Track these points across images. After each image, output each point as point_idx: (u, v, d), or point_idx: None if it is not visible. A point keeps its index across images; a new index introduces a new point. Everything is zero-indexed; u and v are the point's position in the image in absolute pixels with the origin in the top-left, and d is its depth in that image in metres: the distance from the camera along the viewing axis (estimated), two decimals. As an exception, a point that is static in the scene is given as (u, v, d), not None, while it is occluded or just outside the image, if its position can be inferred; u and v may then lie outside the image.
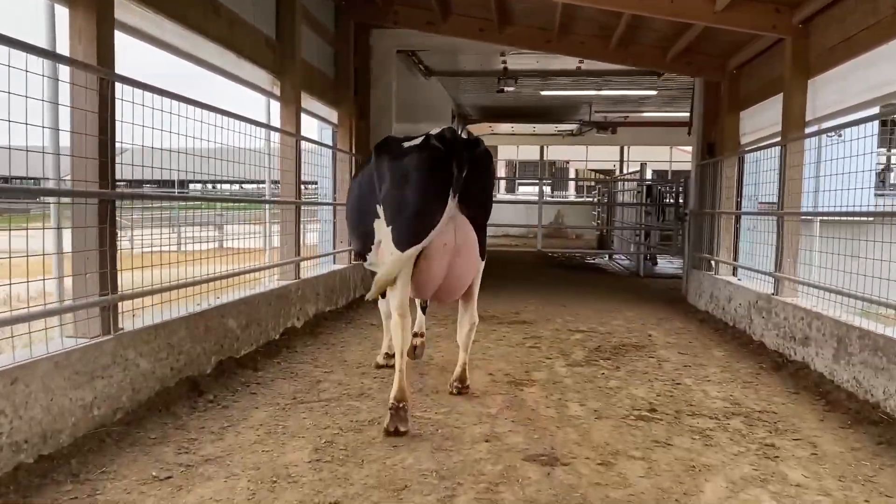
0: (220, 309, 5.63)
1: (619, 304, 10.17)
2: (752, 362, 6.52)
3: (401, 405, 4.32)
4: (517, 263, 15.71)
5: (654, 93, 18.23)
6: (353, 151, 9.86)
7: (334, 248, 9.63)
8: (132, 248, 5.20)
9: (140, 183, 11.17)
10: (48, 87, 3.89)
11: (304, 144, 7.97)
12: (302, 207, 7.74)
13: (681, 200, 12.84)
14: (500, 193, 31.26)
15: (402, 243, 4.49)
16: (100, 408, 4.05)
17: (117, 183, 4.38)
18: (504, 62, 13.26)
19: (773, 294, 7.12)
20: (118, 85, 4.23)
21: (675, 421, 4.69)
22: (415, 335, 6.35)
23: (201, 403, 4.78)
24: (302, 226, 7.72)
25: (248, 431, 4.28)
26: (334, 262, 9.55)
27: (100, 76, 4.09)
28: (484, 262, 5.04)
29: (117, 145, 4.26)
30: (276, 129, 7.20)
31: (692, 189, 10.62)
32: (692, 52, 9.23)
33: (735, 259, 9.34)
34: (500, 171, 32.43)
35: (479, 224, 4.78)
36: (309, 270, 8.14)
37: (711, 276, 9.35)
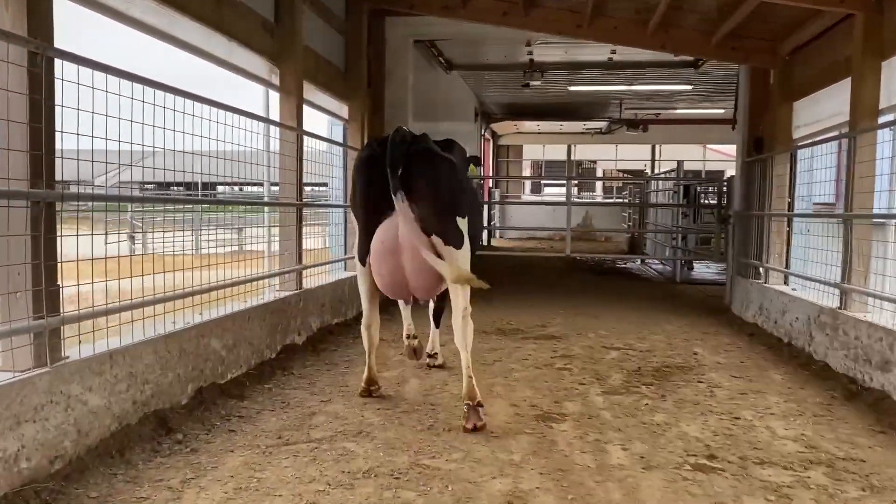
0: (201, 328, 4.86)
1: (656, 314, 9.26)
2: (818, 389, 5.60)
3: (371, 387, 5.13)
4: (543, 268, 14.82)
5: (689, 87, 17.28)
6: (366, 149, 9.07)
7: (345, 253, 8.85)
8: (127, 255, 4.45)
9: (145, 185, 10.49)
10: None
11: (312, 142, 7.20)
12: (305, 210, 6.96)
13: (722, 201, 11.84)
14: (525, 195, 30.35)
15: (360, 255, 4.89)
16: (29, 459, 3.27)
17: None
18: (530, 53, 12.42)
19: (838, 308, 6.20)
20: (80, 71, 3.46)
21: (742, 472, 3.81)
22: (430, 355, 6.15)
23: (167, 445, 3.99)
24: (305, 230, 6.92)
25: (215, 486, 3.48)
26: (345, 269, 8.77)
27: (30, 49, 3.32)
28: (466, 249, 4.80)
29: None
30: (273, 123, 6.43)
31: (737, 188, 9.68)
32: (739, 35, 8.31)
33: (787, 266, 8.40)
34: (526, 171, 31.49)
35: (435, 219, 4.57)
36: (313, 279, 7.35)
37: (761, 286, 8.42)
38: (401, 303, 6.29)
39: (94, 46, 5.03)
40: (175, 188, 8.97)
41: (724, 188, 10.92)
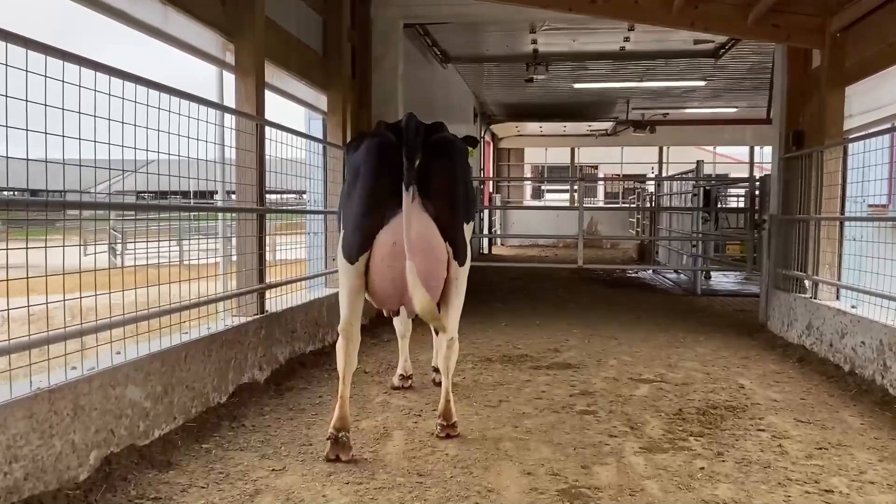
0: (109, 375, 3.64)
1: (683, 333, 8.06)
2: (915, 439, 4.40)
3: (340, 434, 3.97)
4: (549, 280, 13.59)
5: (702, 83, 16.12)
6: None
7: (325, 267, 7.64)
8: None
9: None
10: None
11: (287, 143, 6.00)
12: (269, 217, 5.76)
13: (754, 204, 10.61)
14: (526, 199, 29.12)
15: (349, 251, 4.08)
16: None
17: None
18: (534, 42, 11.24)
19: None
20: None
21: None
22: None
23: (34, 555, 2.79)
24: (274, 241, 5.72)
25: None
26: (325, 286, 7.57)
27: None
28: (466, 268, 4.30)
29: None
30: (224, 109, 5.22)
31: (774, 189, 8.47)
32: (781, 12, 7.12)
33: (837, 278, 7.19)
34: (527, 176, 30.27)
35: (450, 222, 4.13)
36: (284, 299, 6.15)
37: (808, 301, 7.20)
38: (398, 329, 5.53)
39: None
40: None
41: (757, 189, 9.71)
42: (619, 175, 32.03)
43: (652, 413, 4.91)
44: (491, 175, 23.94)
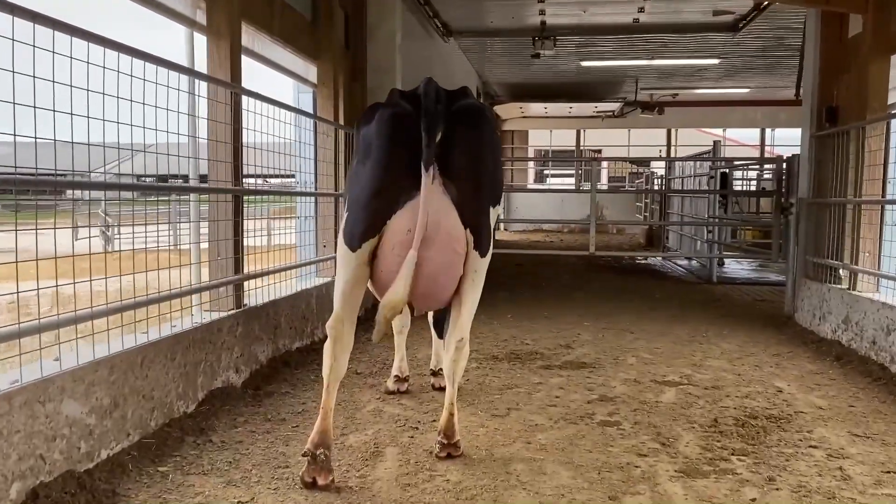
0: (43, 388, 3.00)
1: (704, 326, 7.41)
2: None
3: (319, 452, 3.32)
4: (555, 267, 12.93)
5: (715, 62, 15.36)
6: (342, 122, 7.19)
7: (317, 254, 7.00)
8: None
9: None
10: None
11: (271, 113, 5.32)
12: (246, 199, 5.11)
13: (781, 187, 9.92)
14: (530, 184, 28.37)
15: (350, 237, 3.46)
16: None
17: None
18: (542, 13, 10.51)
19: None
20: None
21: None
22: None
23: None
24: (246, 225, 5.07)
25: None
26: (316, 276, 6.93)
27: None
28: (487, 260, 3.66)
29: None
30: (195, 74, 4.54)
31: (803, 170, 7.79)
32: (819, -28, 6.43)
33: (877, 267, 6.53)
34: (530, 162, 29.50)
35: (474, 207, 3.51)
36: (263, 292, 5.51)
37: (846, 293, 6.54)
38: (394, 323, 4.75)
39: None
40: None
41: (784, 171, 9.01)
42: (625, 159, 31.31)
43: (684, 425, 4.27)
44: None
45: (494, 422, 4.25)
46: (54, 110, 3.05)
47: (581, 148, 26.04)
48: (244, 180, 5.08)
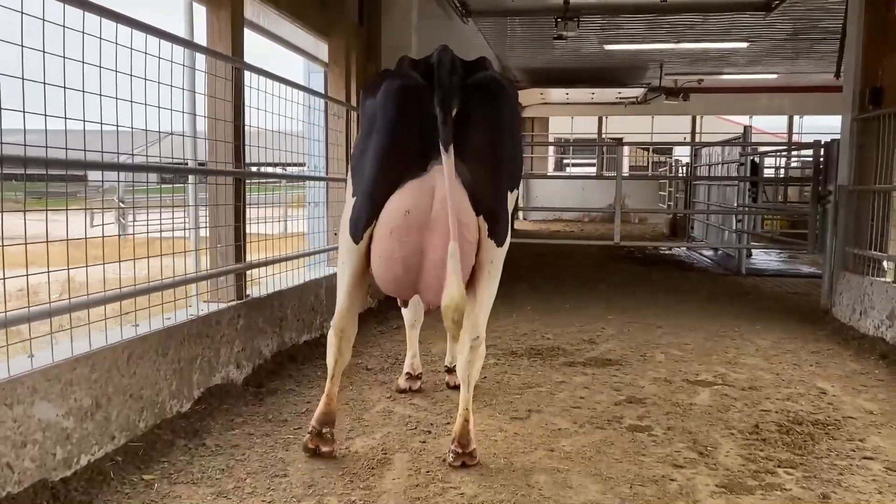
0: (10, 390, 2.69)
1: (736, 322, 7.00)
2: None
3: (323, 429, 3.36)
4: (575, 257, 12.53)
5: (744, 45, 14.81)
6: (354, 103, 6.83)
7: (328, 243, 6.66)
8: None
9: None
10: None
11: (281, 93, 4.98)
12: (249, 183, 4.77)
13: (818, 174, 9.43)
14: (550, 170, 27.86)
15: (355, 228, 3.18)
16: None
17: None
18: (566, -10, 10.07)
19: None
20: None
21: None
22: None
23: None
24: (248, 211, 4.74)
25: None
26: (327, 265, 6.60)
27: None
28: (504, 250, 3.31)
29: None
30: (194, 47, 4.20)
31: (844, 156, 7.33)
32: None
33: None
34: (550, 149, 28.95)
35: (489, 191, 3.16)
36: (269, 282, 5.19)
37: (891, 286, 6.10)
38: (406, 317, 4.53)
39: None
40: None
41: (822, 157, 8.54)
42: (647, 147, 30.72)
43: (722, 431, 3.89)
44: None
45: (514, 425, 3.90)
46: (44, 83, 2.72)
47: (603, 136, 25.51)
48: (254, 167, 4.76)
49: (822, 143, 8.63)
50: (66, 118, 3.00)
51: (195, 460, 3.32)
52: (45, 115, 2.87)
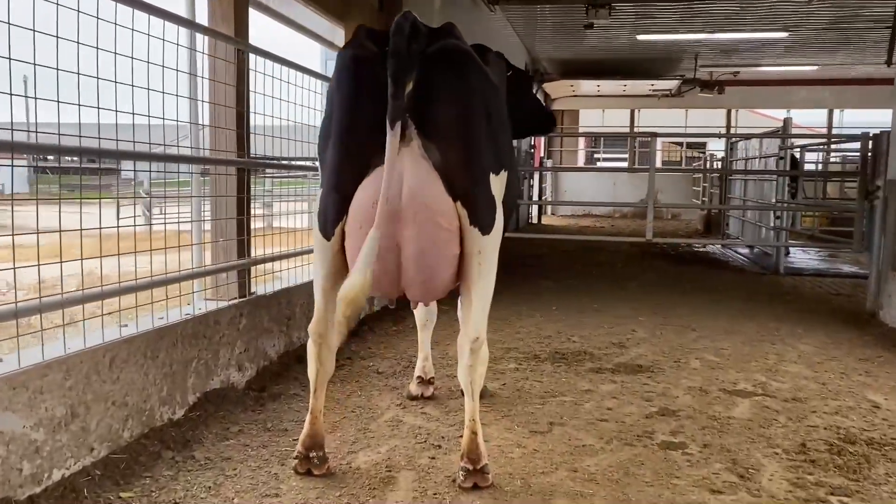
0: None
1: (774, 323, 6.58)
2: None
3: (312, 455, 3.05)
4: (605, 253, 12.12)
5: (783, 35, 14.23)
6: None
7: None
8: None
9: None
10: None
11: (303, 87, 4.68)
12: (254, 173, 4.48)
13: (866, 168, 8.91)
14: (580, 164, 27.32)
15: (323, 222, 2.87)
16: None
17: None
18: (597, -23, 9.65)
19: None
20: None
21: None
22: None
23: None
24: (253, 203, 4.45)
25: None
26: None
27: None
28: (495, 238, 2.93)
29: None
30: (193, 26, 3.90)
31: (894, 149, 6.84)
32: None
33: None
34: (580, 143, 28.40)
35: (463, 172, 2.77)
36: (278, 278, 4.90)
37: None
38: (417, 317, 4.21)
39: None
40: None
41: (870, 150, 8.04)
42: (680, 142, 30.02)
43: (764, 449, 3.51)
44: (542, 144, 22.28)
45: (533, 440, 3.56)
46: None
47: (635, 129, 24.92)
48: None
49: (871, 135, 8.13)
50: (87, 107, 2.71)
51: (181, 475, 3.03)
52: (58, 102, 2.59)
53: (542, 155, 20.30)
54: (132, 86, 3.28)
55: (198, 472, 3.08)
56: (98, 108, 3.10)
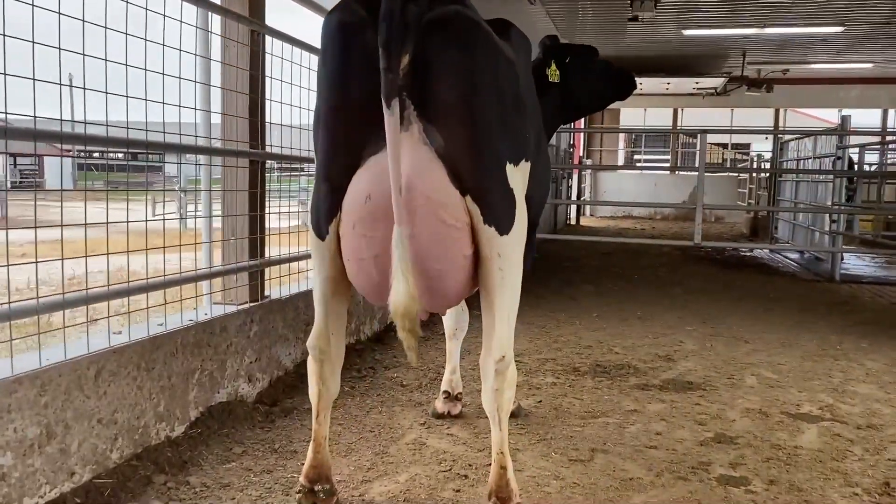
0: None
1: (835, 335, 6.05)
2: None
3: (316, 487, 2.65)
4: (647, 257, 11.60)
5: (839, 29, 13.52)
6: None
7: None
8: None
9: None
10: None
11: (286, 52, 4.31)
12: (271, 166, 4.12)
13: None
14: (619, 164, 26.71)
15: (316, 220, 2.46)
16: None
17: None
18: (643, -35, 9.15)
19: None
20: None
21: None
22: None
23: None
24: (268, 198, 4.10)
25: None
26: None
27: None
28: (518, 239, 2.46)
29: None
30: (207, 5, 3.56)
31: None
32: None
33: None
34: (620, 143, 27.73)
35: (474, 162, 2.30)
36: (295, 280, 4.55)
37: None
38: (446, 325, 3.85)
39: None
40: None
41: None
42: (724, 144, 29.24)
43: (840, 488, 3.04)
44: (581, 142, 21.74)
45: (573, 470, 3.13)
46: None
47: (678, 129, 24.22)
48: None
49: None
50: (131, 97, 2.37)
51: (171, 506, 2.67)
52: (85, 87, 2.24)
53: (581, 154, 19.78)
54: (145, 70, 2.95)
55: (190, 501, 2.71)
56: (127, 96, 2.78)
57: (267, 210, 4.04)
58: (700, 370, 4.88)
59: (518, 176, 2.50)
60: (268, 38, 3.91)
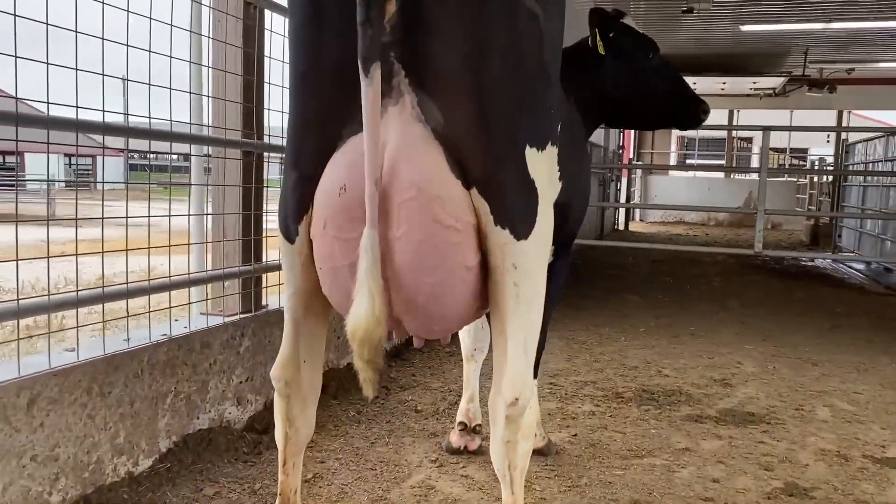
0: None
1: (919, 360, 5.33)
2: None
3: None
4: (700, 266, 10.86)
5: (912, 24, 12.59)
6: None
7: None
8: None
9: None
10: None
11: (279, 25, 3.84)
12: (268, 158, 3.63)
13: None
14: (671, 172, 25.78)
15: (284, 220, 1.94)
16: None
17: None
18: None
19: None
20: None
21: None
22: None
23: None
24: (265, 196, 3.61)
25: None
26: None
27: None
28: (542, 248, 1.83)
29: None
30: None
31: None
32: None
33: None
34: (672, 145, 26.77)
35: (483, 144, 1.69)
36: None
37: None
38: (464, 345, 3.32)
39: None
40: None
41: None
42: (781, 149, 28.06)
43: (952, 566, 2.40)
44: (631, 145, 20.92)
45: (610, 530, 2.55)
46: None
47: (735, 126, 23.24)
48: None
49: None
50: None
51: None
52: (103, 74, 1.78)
53: (630, 156, 19.03)
54: (127, 45, 2.50)
55: (136, 561, 2.22)
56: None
57: (264, 208, 3.56)
58: (763, 398, 4.24)
59: (542, 164, 1.85)
60: (266, 13, 3.44)
